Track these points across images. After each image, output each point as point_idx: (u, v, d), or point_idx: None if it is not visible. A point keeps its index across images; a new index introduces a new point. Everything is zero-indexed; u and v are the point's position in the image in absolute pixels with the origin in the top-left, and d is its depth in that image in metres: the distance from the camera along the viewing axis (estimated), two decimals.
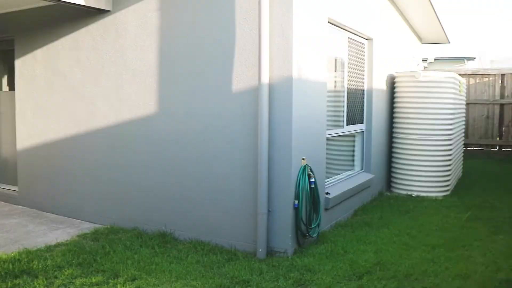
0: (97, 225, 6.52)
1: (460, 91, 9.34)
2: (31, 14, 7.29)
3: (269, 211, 5.23)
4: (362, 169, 7.94)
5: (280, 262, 5.01)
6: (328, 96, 6.25)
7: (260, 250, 5.19)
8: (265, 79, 5.10)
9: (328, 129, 6.29)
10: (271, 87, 5.18)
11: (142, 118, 6.13)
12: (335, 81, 6.90)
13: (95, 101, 6.56)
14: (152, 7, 5.93)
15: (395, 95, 8.87)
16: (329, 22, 6.20)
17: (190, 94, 5.74)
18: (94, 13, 6.45)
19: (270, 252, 5.27)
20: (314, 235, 5.58)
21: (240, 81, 5.37)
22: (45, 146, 7.25)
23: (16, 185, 7.86)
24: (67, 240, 5.83)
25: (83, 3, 6.04)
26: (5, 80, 8.47)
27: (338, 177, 7.08)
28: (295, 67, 5.17)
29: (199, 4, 5.62)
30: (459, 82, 9.25)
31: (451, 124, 8.46)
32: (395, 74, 8.94)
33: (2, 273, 4.65)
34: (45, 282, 4.51)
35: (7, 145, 8.28)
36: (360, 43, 7.63)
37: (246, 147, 5.38)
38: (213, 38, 5.54)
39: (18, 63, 7.52)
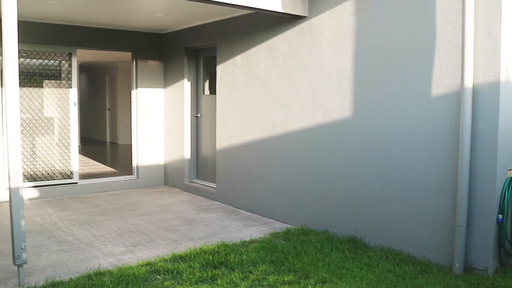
0: (288, 225, 6.74)
1: None
2: (231, 22, 7.82)
3: (468, 224, 4.88)
4: None
5: (479, 281, 4.64)
6: None
7: (457, 265, 4.88)
8: (469, 83, 4.78)
9: None
10: (474, 91, 4.83)
11: (335, 123, 6.17)
12: None
13: (290, 105, 6.78)
14: (347, 11, 5.94)
15: None
16: None
17: (384, 99, 5.62)
18: (290, 19, 6.67)
19: (467, 268, 4.92)
20: None
21: (440, 85, 5.10)
22: (241, 147, 7.71)
23: (214, 182, 8.48)
24: (260, 238, 6.11)
25: (282, 10, 6.28)
26: (206, 84, 9.20)
27: None
28: (503, 70, 4.74)
29: (396, 7, 5.47)
30: None
31: None
32: None
33: (203, 263, 5.05)
34: (241, 275, 4.76)
35: (207, 145, 8.99)
36: None
37: (444, 154, 5.09)
38: (410, 40, 5.35)
39: (220, 68, 8.12)
